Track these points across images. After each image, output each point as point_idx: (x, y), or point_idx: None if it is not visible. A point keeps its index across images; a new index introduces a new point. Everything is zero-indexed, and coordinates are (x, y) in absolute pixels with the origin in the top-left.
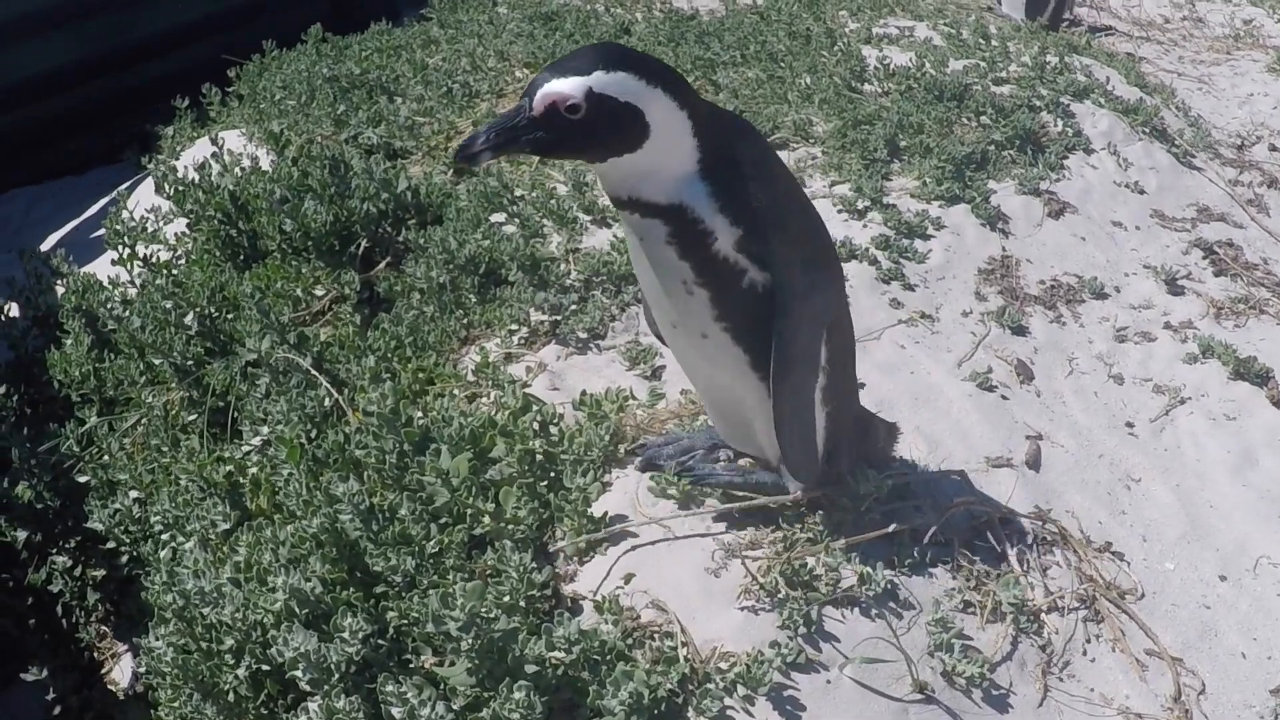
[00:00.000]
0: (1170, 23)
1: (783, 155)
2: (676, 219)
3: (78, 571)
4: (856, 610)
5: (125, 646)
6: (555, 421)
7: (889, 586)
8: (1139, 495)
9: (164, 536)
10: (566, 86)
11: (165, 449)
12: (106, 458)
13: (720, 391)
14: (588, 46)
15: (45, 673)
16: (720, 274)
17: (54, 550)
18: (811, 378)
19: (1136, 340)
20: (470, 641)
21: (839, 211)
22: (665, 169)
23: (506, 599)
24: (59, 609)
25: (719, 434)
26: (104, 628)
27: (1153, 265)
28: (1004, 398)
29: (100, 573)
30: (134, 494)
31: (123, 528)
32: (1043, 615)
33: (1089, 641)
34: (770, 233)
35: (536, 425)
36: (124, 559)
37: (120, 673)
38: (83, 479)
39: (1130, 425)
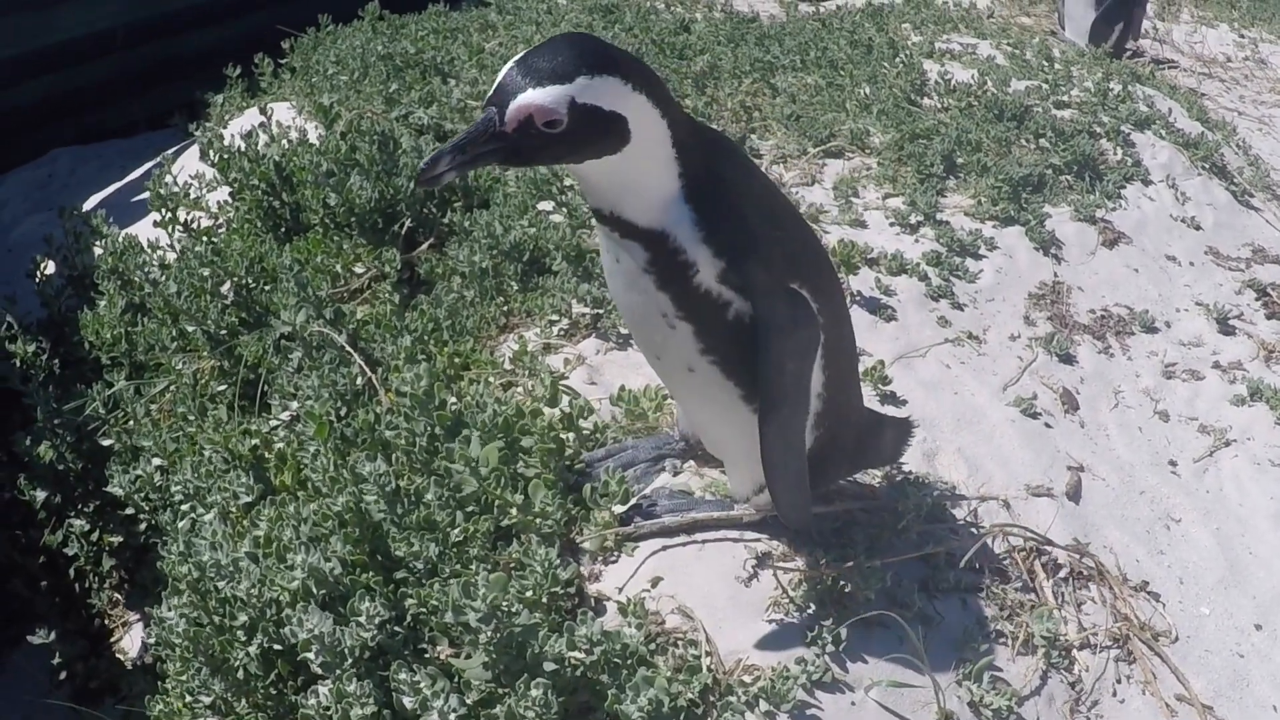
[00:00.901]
0: (1232, 61)
1: (837, 164)
2: (656, 246)
3: (94, 536)
4: (886, 631)
5: (136, 616)
6: (585, 415)
7: (921, 610)
8: (1178, 536)
9: (184, 507)
10: (545, 98)
11: (192, 418)
12: (132, 423)
13: (708, 422)
14: (562, 39)
15: (53, 636)
16: (703, 307)
17: (72, 513)
18: (800, 414)
19: (1184, 378)
20: (489, 634)
21: (891, 225)
22: (647, 183)
23: (529, 594)
24: (72, 573)
25: (674, 438)
26: (117, 595)
27: (1205, 303)
28: (1047, 426)
29: (117, 539)
30: (156, 461)
31: (143, 495)
32: (1074, 651)
33: (1119, 682)
34: (752, 263)
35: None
36: (142, 527)
37: (130, 642)
38: (106, 442)
39: (1173, 464)
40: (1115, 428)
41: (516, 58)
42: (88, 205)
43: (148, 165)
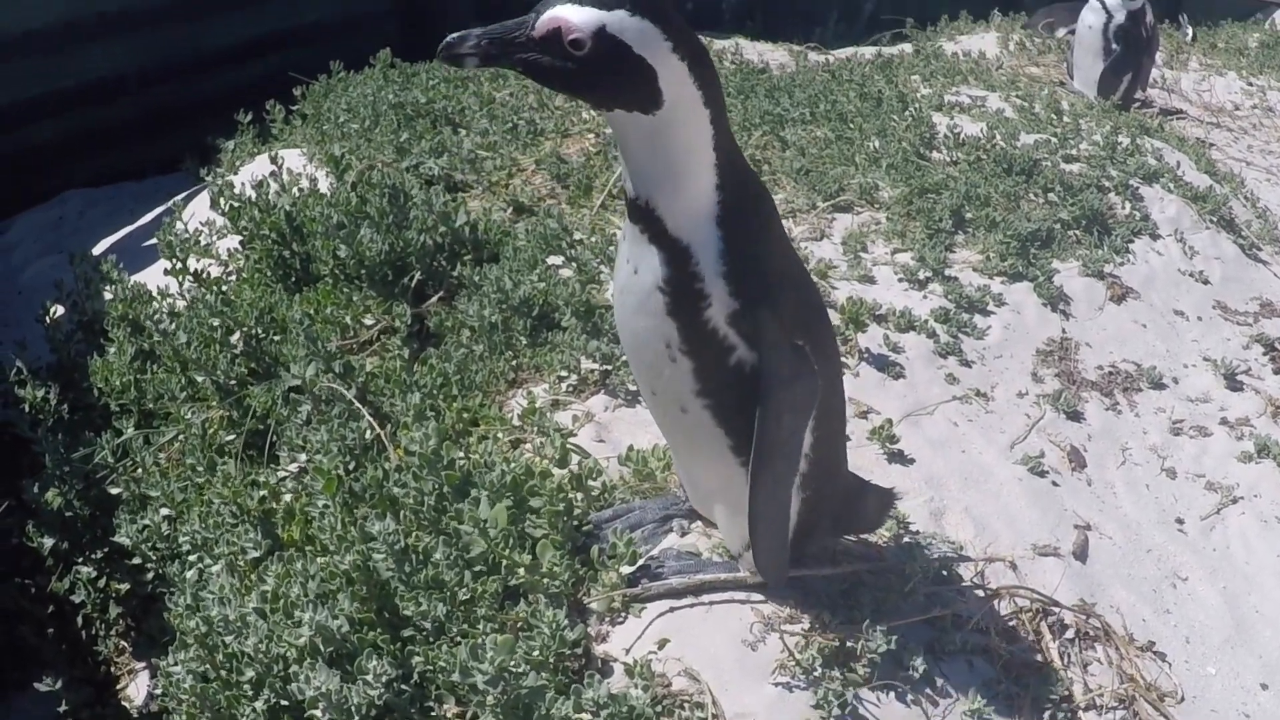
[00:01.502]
0: (1240, 109)
1: (846, 218)
2: (678, 262)
3: (102, 584)
4: (893, 695)
5: (143, 665)
6: (594, 476)
7: (927, 672)
8: (1185, 595)
9: (191, 557)
10: (576, 16)
11: (200, 468)
12: (140, 471)
13: (696, 468)
14: None
15: (59, 684)
16: (707, 345)
17: (80, 560)
18: (792, 471)
19: (1192, 434)
20: (497, 696)
21: (900, 280)
22: (684, 179)
23: (536, 655)
24: (79, 620)
25: (681, 498)
26: (123, 643)
27: (1212, 358)
28: (1054, 484)
29: (124, 586)
30: (164, 511)
31: (150, 544)
32: (1081, 713)
33: None
34: (764, 312)
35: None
36: (149, 576)
37: (136, 690)
38: (115, 491)
39: (1180, 522)
40: (1122, 485)
41: None
42: (98, 249)
43: (158, 210)
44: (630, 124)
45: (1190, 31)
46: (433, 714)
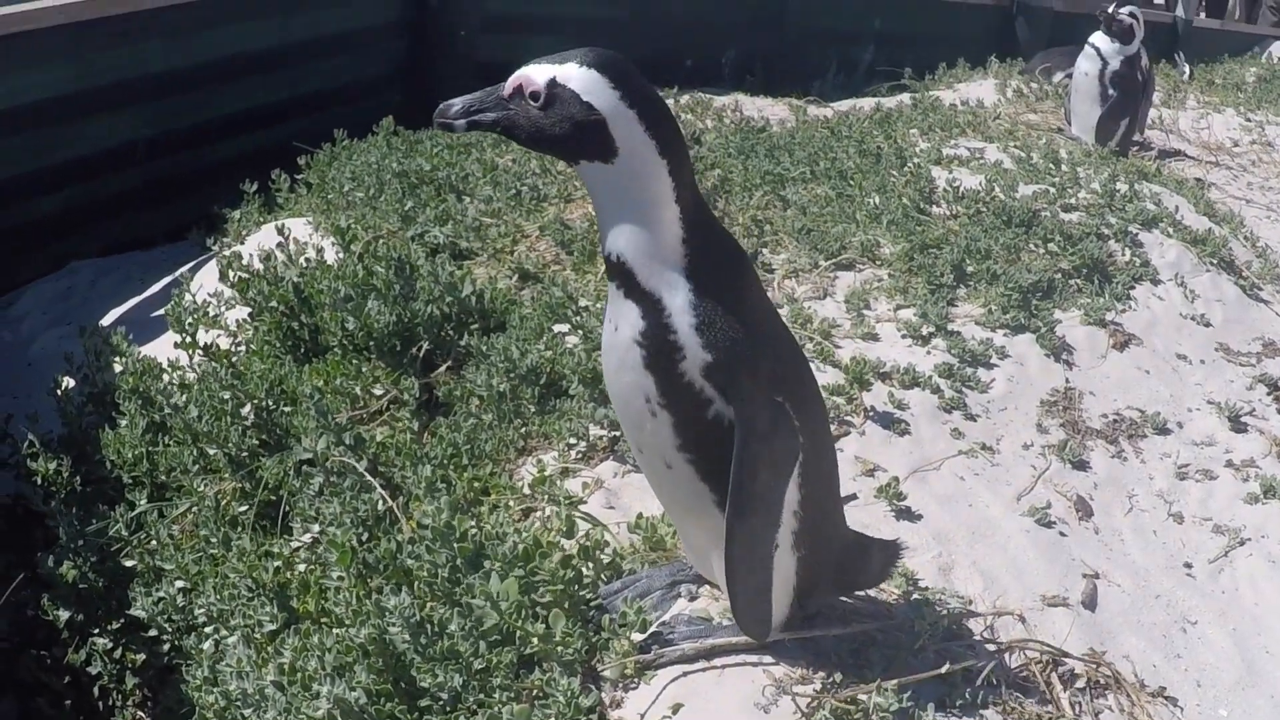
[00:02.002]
0: (1239, 145)
1: (848, 276)
2: (651, 314)
3: (118, 655)
4: None
5: None
6: (601, 548)
7: None
8: (1195, 639)
9: (207, 629)
10: (534, 72)
11: (214, 540)
12: (154, 544)
13: (687, 526)
14: (587, 47)
15: None
16: (684, 399)
17: (96, 632)
18: (771, 526)
19: (1198, 478)
20: None
21: (903, 337)
22: (650, 227)
23: None
24: (96, 692)
25: (688, 564)
26: (140, 714)
27: (1216, 401)
28: (1062, 534)
29: (140, 658)
30: (179, 583)
31: (166, 616)
32: None
33: None
34: (738, 365)
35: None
36: (165, 647)
37: None
38: (129, 563)
39: (1189, 566)
40: (1130, 532)
41: None
42: (107, 319)
43: (166, 280)
44: (595, 174)
45: (1188, 70)
46: None
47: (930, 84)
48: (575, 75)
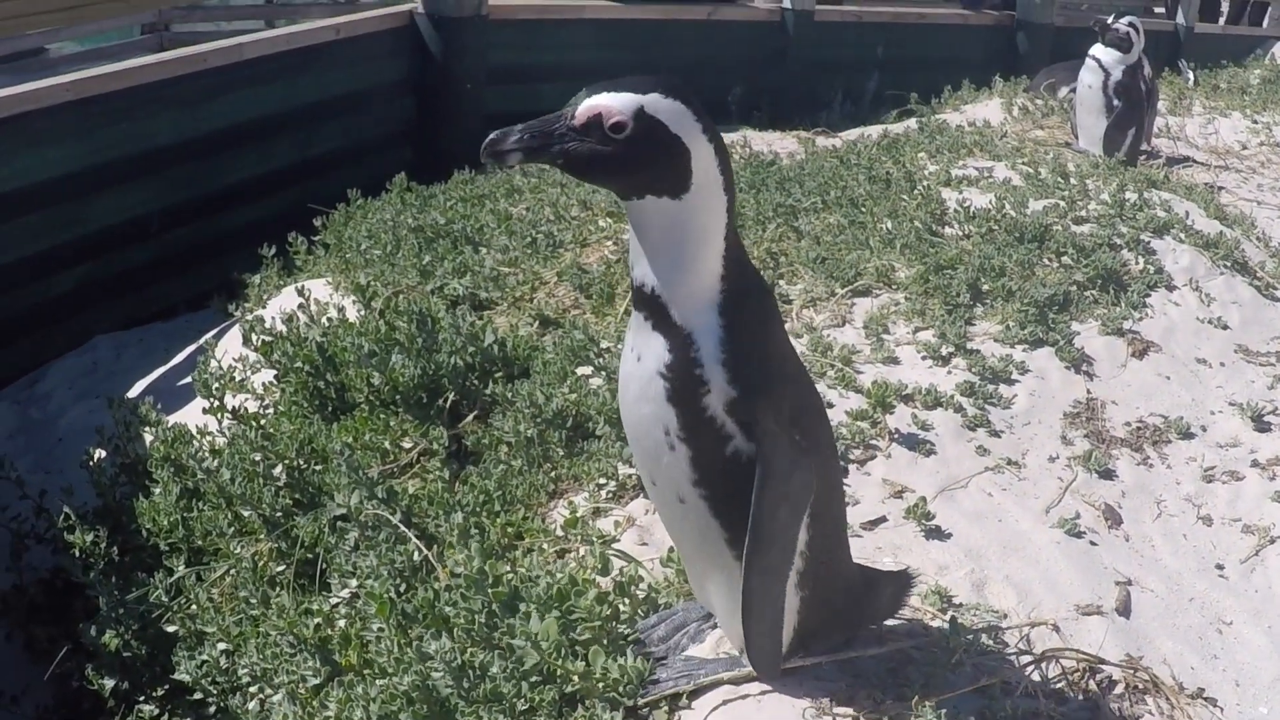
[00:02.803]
0: (1247, 149)
1: (865, 302)
2: (679, 349)
3: None
4: None
5: None
6: (636, 583)
7: None
8: (1230, 639)
9: (251, 689)
10: (615, 101)
11: (254, 601)
12: (194, 608)
13: (696, 562)
14: (658, 74)
15: None
16: (704, 433)
17: (141, 700)
18: (786, 564)
19: (1224, 480)
20: None
21: (923, 358)
22: (693, 265)
23: None
24: None
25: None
26: None
27: (1238, 402)
28: (1092, 544)
29: None
30: (221, 645)
31: (210, 679)
32: None
33: None
34: (762, 402)
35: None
36: (211, 710)
37: None
38: (170, 629)
39: (1220, 567)
40: (1160, 538)
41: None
42: (133, 391)
43: (190, 348)
44: (655, 210)
45: (1192, 76)
46: None
47: (936, 107)
48: (664, 107)
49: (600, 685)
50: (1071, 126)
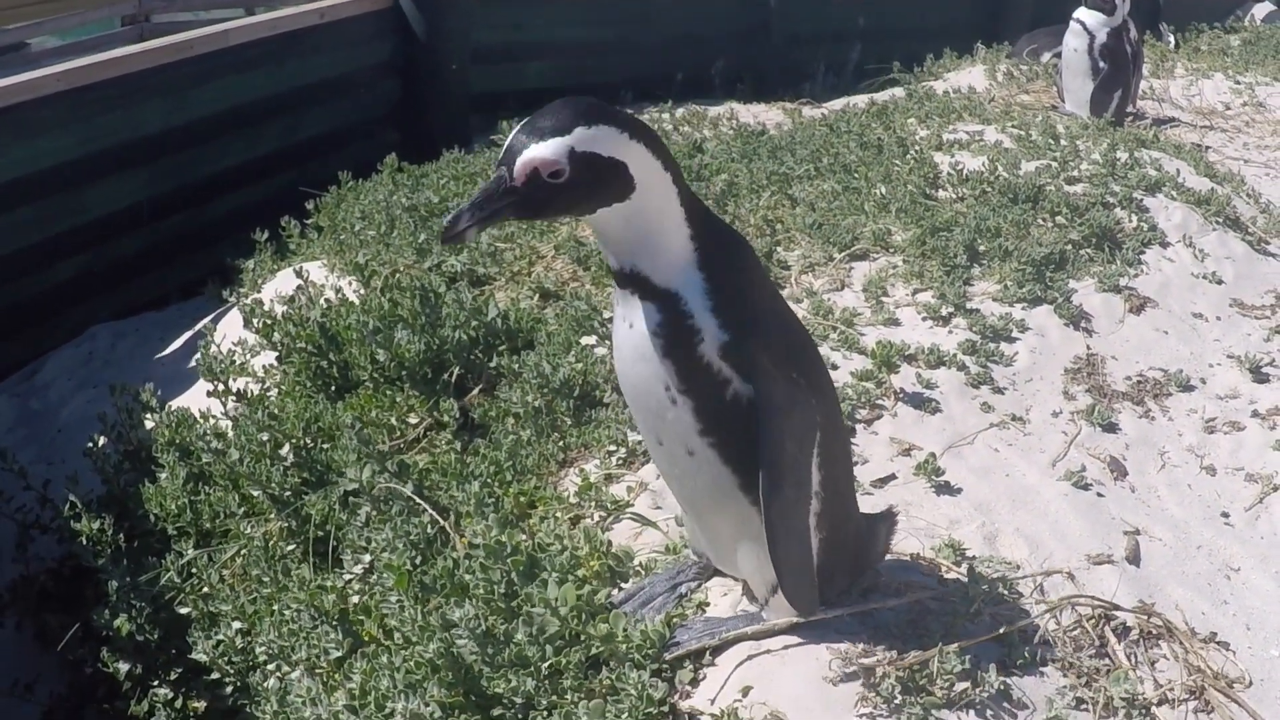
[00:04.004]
0: (1231, 109)
1: (864, 266)
2: (669, 308)
3: (179, 704)
4: (972, 712)
5: None
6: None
7: (1002, 687)
8: (1239, 584)
9: (269, 666)
10: (547, 150)
11: (266, 579)
12: (207, 589)
13: (710, 516)
14: (561, 100)
15: None
16: (703, 382)
17: (155, 683)
18: (803, 499)
19: (1226, 430)
20: None
21: (924, 319)
22: (660, 239)
23: (627, 716)
24: None
25: (687, 563)
26: None
27: (1236, 355)
28: (1099, 495)
29: (201, 705)
30: (236, 625)
31: (226, 659)
32: (1154, 708)
33: None
34: (755, 343)
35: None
36: (228, 689)
37: None
38: (183, 610)
39: (1226, 515)
40: (1165, 488)
41: (522, 122)
42: (132, 380)
43: (186, 335)
44: (609, 215)
45: (1173, 39)
46: None
47: (920, 76)
48: (590, 137)
49: (623, 647)
50: (1057, 90)
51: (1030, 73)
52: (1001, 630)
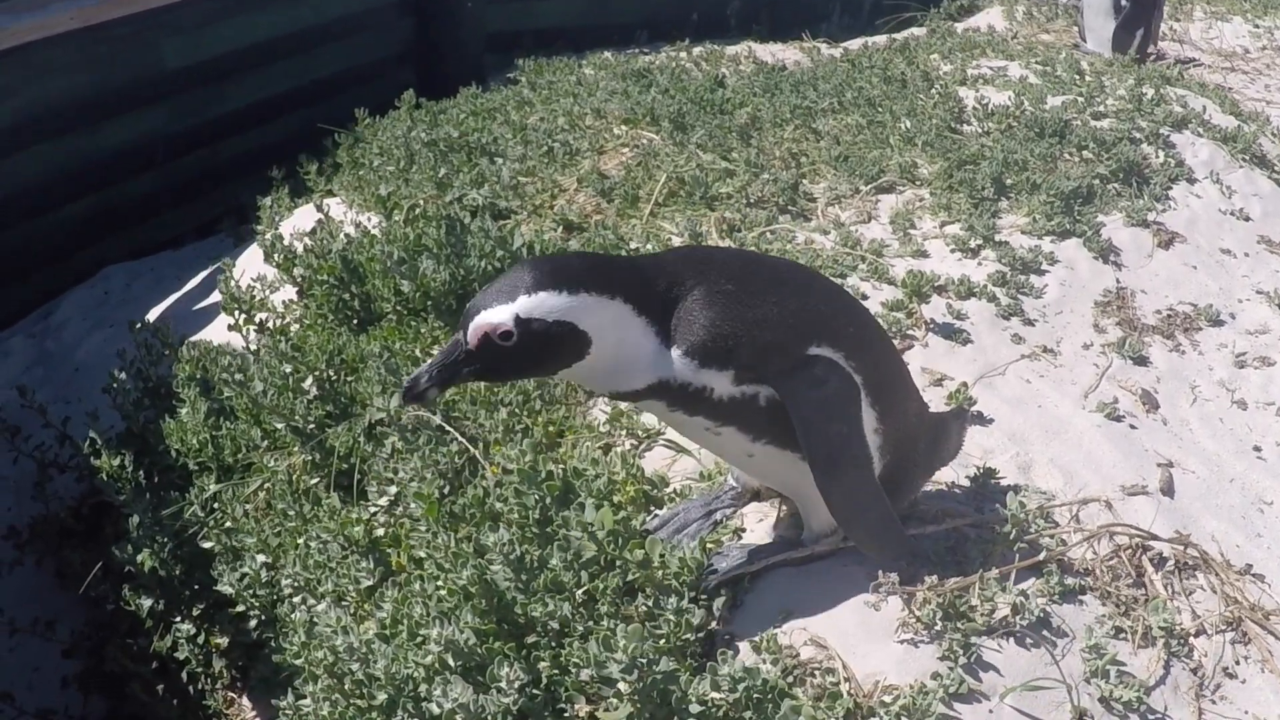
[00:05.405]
0: (1251, 53)
1: (890, 198)
2: (666, 391)
3: (202, 639)
4: (1012, 640)
5: (255, 712)
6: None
7: (1042, 615)
8: (1272, 518)
9: (295, 599)
10: (496, 316)
11: (291, 513)
12: (230, 523)
13: (773, 481)
14: (520, 263)
15: None
16: (735, 410)
17: (178, 618)
18: (864, 468)
19: (1256, 365)
20: (632, 683)
21: (952, 251)
22: (628, 362)
23: (664, 642)
24: (184, 676)
25: (722, 489)
26: (231, 694)
27: (1265, 290)
28: (1132, 427)
29: (224, 640)
30: (261, 558)
31: (251, 592)
32: (1191, 639)
33: (1238, 663)
34: (757, 357)
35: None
36: (253, 623)
37: None
38: (207, 545)
39: (1258, 449)
40: (1197, 421)
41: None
42: (149, 318)
43: (203, 274)
44: (578, 369)
45: None
46: (565, 715)
47: (935, 17)
48: (535, 304)
49: (660, 573)
50: (1079, 29)
51: (1050, 12)
52: (1040, 557)
